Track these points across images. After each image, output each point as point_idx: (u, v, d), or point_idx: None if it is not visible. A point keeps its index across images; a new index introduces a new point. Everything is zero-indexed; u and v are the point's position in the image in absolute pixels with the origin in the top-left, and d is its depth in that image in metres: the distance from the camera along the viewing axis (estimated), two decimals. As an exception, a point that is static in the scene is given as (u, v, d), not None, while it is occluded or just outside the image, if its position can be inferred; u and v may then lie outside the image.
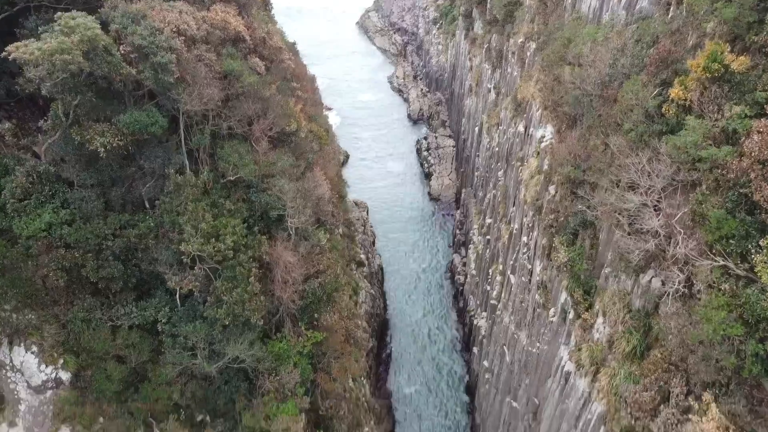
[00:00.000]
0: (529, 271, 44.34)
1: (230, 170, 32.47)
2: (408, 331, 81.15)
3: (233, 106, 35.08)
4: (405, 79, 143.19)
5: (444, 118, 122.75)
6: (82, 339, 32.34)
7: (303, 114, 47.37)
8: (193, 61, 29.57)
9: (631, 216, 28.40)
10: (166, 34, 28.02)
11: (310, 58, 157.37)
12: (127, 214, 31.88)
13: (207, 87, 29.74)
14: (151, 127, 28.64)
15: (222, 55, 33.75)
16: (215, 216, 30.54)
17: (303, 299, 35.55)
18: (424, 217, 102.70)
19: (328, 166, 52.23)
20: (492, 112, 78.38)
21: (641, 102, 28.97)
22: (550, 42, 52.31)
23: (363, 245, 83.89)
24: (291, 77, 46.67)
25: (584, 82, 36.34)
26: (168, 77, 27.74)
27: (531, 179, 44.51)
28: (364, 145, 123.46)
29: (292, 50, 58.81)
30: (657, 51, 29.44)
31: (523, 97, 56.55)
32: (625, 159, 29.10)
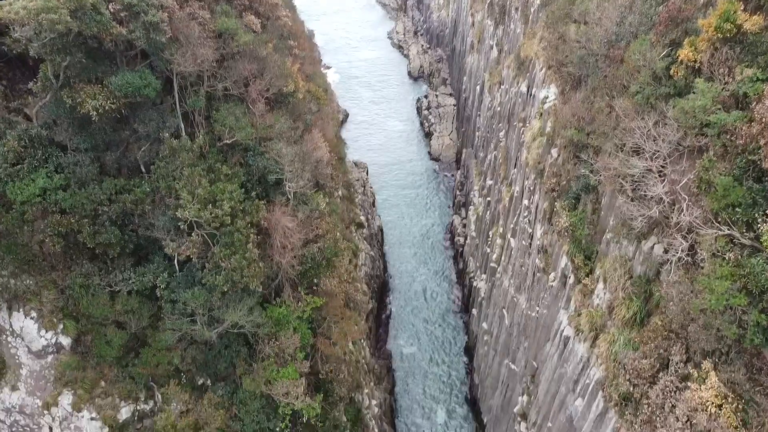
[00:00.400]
0: (529, 235, 44.04)
1: (227, 133, 31.74)
2: (408, 292, 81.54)
3: (229, 67, 34.08)
4: (405, 35, 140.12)
5: (445, 75, 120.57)
6: (81, 304, 32.29)
7: (300, 74, 46.23)
8: (186, 20, 28.50)
9: (635, 181, 27.85)
10: (156, -11, 26.93)
11: (308, 14, 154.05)
12: (122, 179, 31.36)
13: (201, 47, 28.74)
14: (144, 89, 27.81)
15: (216, 12, 32.55)
16: (212, 181, 30.00)
17: (302, 264, 35.33)
18: (424, 177, 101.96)
19: (327, 127, 51.35)
20: (494, 71, 76.76)
21: (649, 63, 28.04)
22: (555, -2, 50.70)
23: (363, 206, 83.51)
24: (288, 35, 45.33)
25: (590, 41, 35.24)
26: (160, 37, 26.76)
27: (533, 141, 43.72)
28: (363, 104, 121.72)
29: (289, 6, 57.05)
30: (667, 9, 28.32)
31: (526, 55, 55.14)
32: (631, 122, 28.36)
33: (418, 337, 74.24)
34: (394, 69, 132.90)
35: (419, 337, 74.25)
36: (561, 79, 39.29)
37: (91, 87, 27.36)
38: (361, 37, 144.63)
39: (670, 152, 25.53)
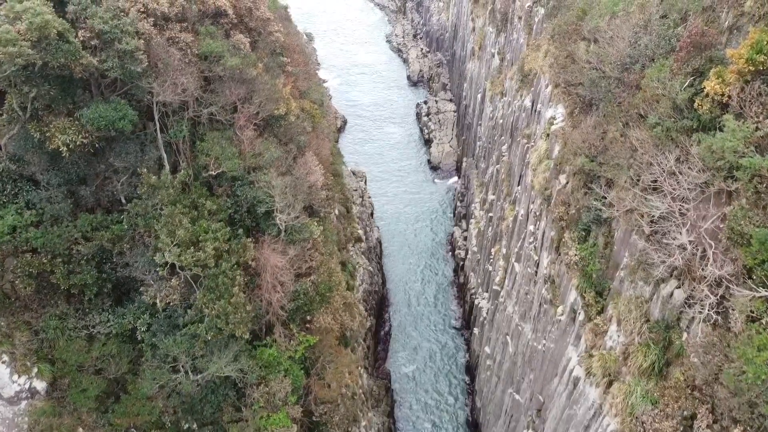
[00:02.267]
0: (535, 263, 41.78)
1: (212, 164, 29.43)
2: (407, 306, 79.30)
3: (215, 90, 31.80)
4: (404, 38, 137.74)
5: (445, 81, 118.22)
6: (56, 347, 30.08)
7: (295, 91, 43.92)
8: (165, 46, 26.15)
9: (653, 221, 25.63)
10: (132, 15, 24.54)
11: (306, 16, 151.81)
12: (99, 215, 29.05)
13: (182, 74, 26.41)
14: (119, 122, 25.51)
15: (200, 34, 30.21)
16: (194, 219, 27.71)
17: (294, 300, 33.08)
18: (423, 186, 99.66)
19: (323, 144, 49.05)
20: (496, 80, 74.45)
21: (669, 93, 25.74)
22: (561, 9, 48.40)
23: (361, 218, 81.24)
24: (281, 50, 42.98)
25: (602, 63, 32.94)
26: (135, 66, 24.44)
27: (539, 164, 41.44)
28: (362, 109, 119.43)
29: (284, 17, 54.69)
30: (689, 33, 26.00)
31: (530, 68, 52.84)
32: (649, 157, 26.11)
33: (418, 355, 71.99)
34: (393, 73, 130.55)
35: (419, 355, 72.00)
36: (569, 100, 37.00)
37: (60, 120, 25.06)
38: (359, 41, 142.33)
39: (695, 195, 23.26)
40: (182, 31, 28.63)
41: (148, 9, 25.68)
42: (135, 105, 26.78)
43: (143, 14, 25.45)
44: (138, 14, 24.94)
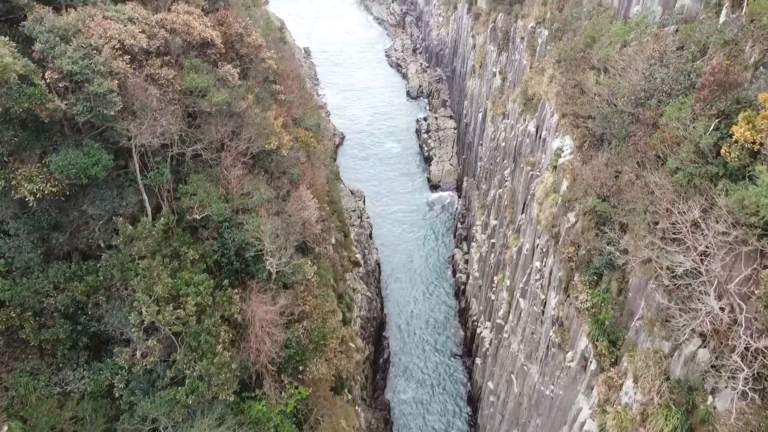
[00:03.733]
0: (542, 302, 39.54)
1: (196, 208, 27.24)
2: (407, 331, 76.95)
3: (201, 126, 29.69)
4: (404, 53, 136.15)
5: (445, 97, 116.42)
6: (28, 404, 27.77)
7: (288, 119, 41.86)
8: (142, 86, 24.01)
9: (675, 277, 23.42)
10: (105, 53, 22.43)
11: (305, 32, 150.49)
12: (74, 263, 26.78)
13: (161, 115, 24.27)
14: (92, 168, 23.33)
15: (185, 68, 28.14)
16: (175, 271, 25.47)
17: (286, 349, 30.80)
18: (423, 205, 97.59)
19: (318, 173, 46.90)
20: (497, 100, 72.57)
21: (691, 136, 23.63)
22: (567, 32, 46.54)
23: (359, 241, 79.15)
24: (273, 77, 40.97)
25: (614, 95, 30.88)
26: (108, 110, 22.31)
27: (546, 197, 39.31)
28: (361, 125, 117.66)
29: (279, 38, 52.77)
30: (711, 71, 23.92)
31: (534, 92, 50.89)
32: (669, 204, 23.96)
33: (418, 384, 69.53)
34: (393, 88, 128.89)
35: (419, 384, 69.54)
36: (578, 133, 34.90)
37: (27, 168, 22.88)
38: (358, 55, 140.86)
39: (724, 253, 21.08)
40: (164, 66, 26.51)
41: (125, 45, 23.58)
42: (111, 146, 24.62)
43: (119, 51, 23.34)
44: (113, 52, 22.83)
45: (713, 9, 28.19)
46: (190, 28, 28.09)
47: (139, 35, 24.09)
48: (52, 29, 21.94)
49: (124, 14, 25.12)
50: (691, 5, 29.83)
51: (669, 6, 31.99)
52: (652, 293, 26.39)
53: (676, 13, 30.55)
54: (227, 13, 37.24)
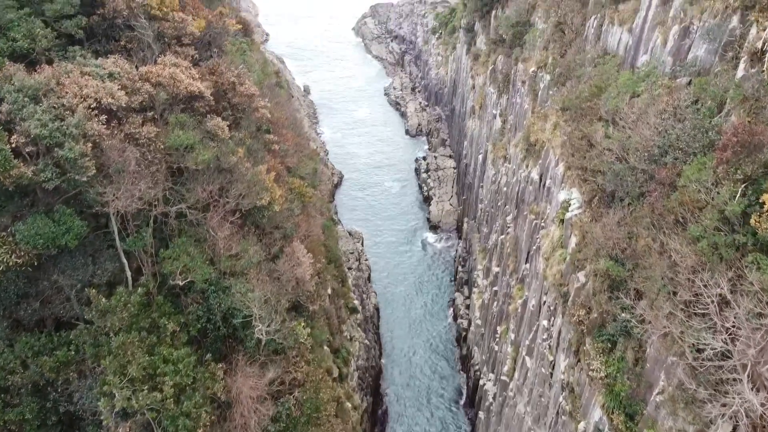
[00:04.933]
0: (550, 363, 37.15)
1: (178, 274, 25.19)
2: (407, 379, 73.95)
3: (186, 183, 27.87)
4: (403, 91, 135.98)
5: (444, 136, 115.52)
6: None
7: (282, 168, 40.17)
8: (120, 147, 22.24)
9: (702, 357, 21.26)
10: (79, 114, 20.71)
11: (305, 68, 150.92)
12: (43, 336, 24.58)
13: (141, 178, 22.43)
14: (62, 237, 21.40)
15: (170, 123, 26.44)
16: (153, 346, 23.26)
17: (274, 423, 28.35)
18: (423, 246, 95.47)
19: (313, 223, 45.02)
20: (498, 142, 71.17)
21: (715, 201, 21.78)
22: (570, 78, 45.19)
23: (357, 285, 76.88)
24: (267, 127, 39.40)
25: (625, 151, 29.18)
26: (80, 175, 20.49)
27: (552, 251, 37.30)
28: (359, 164, 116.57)
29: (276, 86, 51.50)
30: (733, 131, 22.20)
31: (536, 139, 49.35)
32: (692, 275, 21.97)
33: (419, 437, 66.34)
34: (392, 126, 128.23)
35: (420, 437, 66.35)
36: (587, 187, 33.11)
37: (-10, 238, 20.98)
38: (358, 93, 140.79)
39: (759, 336, 18.99)
40: (146, 123, 24.81)
41: (102, 104, 21.90)
42: (85, 211, 22.72)
43: (95, 111, 21.66)
44: (88, 112, 21.14)
45: (729, 62, 26.66)
46: (177, 81, 26.50)
47: (119, 93, 22.43)
48: (21, 88, 20.30)
49: (105, 69, 23.53)
50: (705, 57, 28.34)
51: (680, 56, 30.54)
52: (673, 367, 24.20)
53: (689, 65, 29.04)
54: (219, 61, 35.86)
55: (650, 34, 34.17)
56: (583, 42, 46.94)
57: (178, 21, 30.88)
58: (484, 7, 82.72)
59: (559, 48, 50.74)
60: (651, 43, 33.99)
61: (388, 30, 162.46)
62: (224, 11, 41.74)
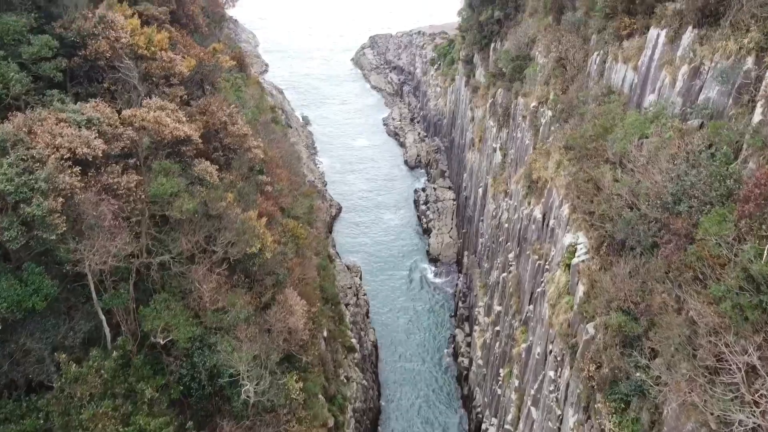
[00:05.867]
0: (557, 417, 35.05)
1: (159, 333, 23.38)
2: (405, 420, 71.37)
3: (171, 230, 26.25)
4: (401, 122, 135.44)
5: (443, 167, 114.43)
6: None
7: (275, 209, 38.60)
8: (94, 202, 20.65)
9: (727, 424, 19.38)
10: (50, 166, 19.18)
11: (304, 98, 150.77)
12: (12, 401, 22.67)
13: (118, 232, 20.80)
14: (29, 299, 19.68)
15: (153, 170, 24.92)
16: (128, 415, 21.34)
17: (263, 490, 26.23)
18: (423, 280, 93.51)
19: (308, 265, 43.26)
20: (498, 177, 69.84)
21: (739, 259, 20.13)
22: (573, 115, 43.92)
23: (355, 322, 74.80)
24: (260, 167, 37.95)
25: (636, 197, 27.63)
26: (48, 234, 18.87)
27: (558, 298, 35.51)
28: (358, 195, 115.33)
29: (271, 121, 50.27)
30: (756, 182, 20.67)
31: (539, 177, 47.93)
32: (715, 338, 20.20)
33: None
34: (390, 157, 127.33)
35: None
36: (594, 233, 31.50)
37: (-51, 301, 19.26)
38: (357, 124, 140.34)
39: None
40: (127, 171, 23.27)
41: (77, 154, 20.39)
42: (55, 273, 21.03)
43: (68, 162, 20.15)
44: (60, 163, 19.62)
45: (745, 106, 25.27)
46: (161, 125, 25.03)
47: (95, 142, 20.94)
48: (-11, 139, 18.82)
49: (83, 115, 22.07)
50: (718, 99, 26.98)
51: (690, 97, 29.21)
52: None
53: (700, 107, 27.67)
54: (211, 100, 34.59)
55: (657, 73, 32.94)
56: (586, 78, 45.86)
57: (166, 61, 29.60)
58: (483, 39, 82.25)
59: (560, 83, 49.65)
60: (658, 83, 32.72)
61: (386, 61, 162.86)
62: (218, 47, 40.67)
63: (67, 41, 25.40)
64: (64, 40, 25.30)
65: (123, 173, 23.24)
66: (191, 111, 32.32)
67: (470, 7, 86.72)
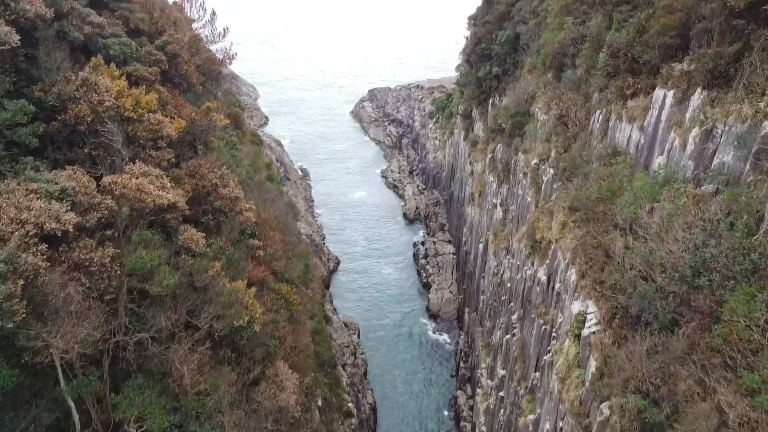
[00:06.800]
0: (572, 503, 32.22)
1: (132, 423, 21.11)
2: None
3: (151, 304, 24.28)
4: (400, 174, 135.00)
5: (443, 221, 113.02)
6: None
7: (267, 273, 36.72)
8: (60, 283, 18.83)
9: None
10: (11, 245, 17.43)
11: (304, 151, 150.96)
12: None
13: (87, 317, 18.88)
14: (-17, 393, 17.58)
15: (132, 242, 23.18)
16: None
17: None
18: (422, 337, 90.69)
19: (302, 332, 41.05)
20: (500, 233, 68.15)
21: (772, 344, 18.20)
22: (576, 174, 42.56)
23: (352, 384, 71.77)
24: (252, 230, 36.26)
25: (650, 267, 25.81)
26: (5, 321, 16.97)
27: (568, 371, 33.20)
28: (357, 248, 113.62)
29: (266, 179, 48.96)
30: (785, 258, 18.94)
31: (542, 237, 46.24)
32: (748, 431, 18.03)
33: None
34: (389, 210, 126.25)
35: None
36: (605, 304, 29.53)
37: None
38: (356, 176, 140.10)
39: None
40: (104, 243, 21.51)
41: (45, 230, 18.70)
42: (15, 362, 19.00)
43: (34, 238, 18.44)
44: (24, 241, 17.91)
45: (764, 173, 23.78)
46: (143, 193, 23.44)
47: (66, 215, 19.27)
48: (-54, 215, 17.16)
49: (57, 184, 20.49)
50: (734, 164, 25.51)
51: (703, 161, 27.76)
52: None
53: (716, 172, 26.18)
54: (201, 162, 33.21)
55: (665, 134, 31.68)
56: (588, 136, 44.75)
57: (153, 123, 28.32)
58: (481, 95, 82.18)
59: (562, 141, 48.55)
60: (667, 144, 31.40)
61: (385, 113, 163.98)
62: (212, 106, 39.63)
63: (46, 105, 24.12)
64: (43, 104, 24.04)
65: (99, 246, 21.48)
66: (179, 174, 30.86)
67: (468, 62, 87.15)
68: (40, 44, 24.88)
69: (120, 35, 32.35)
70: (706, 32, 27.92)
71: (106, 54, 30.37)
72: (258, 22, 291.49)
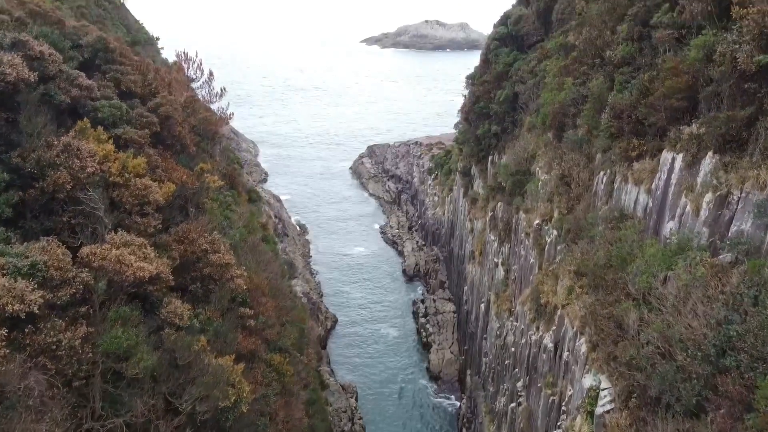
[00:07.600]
0: None
1: None
2: None
3: (125, 388, 22.23)
4: (399, 230, 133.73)
5: (443, 278, 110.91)
6: None
7: (259, 343, 34.62)
8: (19, 373, 16.98)
9: None
10: (-33, 333, 15.68)
11: (303, 207, 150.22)
12: None
13: (48, 410, 16.90)
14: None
15: (108, 319, 21.38)
16: None
17: None
18: (423, 401, 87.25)
19: (294, 404, 38.57)
20: (501, 294, 66.13)
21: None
22: (581, 237, 41.03)
23: (349, 453, 68.35)
24: (243, 298, 34.42)
25: (668, 343, 23.93)
26: (-47, 421, 15.08)
27: (581, 452, 30.78)
28: (355, 305, 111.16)
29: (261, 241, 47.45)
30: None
31: (547, 301, 44.36)
32: None
33: None
34: (388, 266, 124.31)
35: None
36: (620, 381, 27.45)
37: None
38: (354, 231, 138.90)
39: None
40: (77, 321, 19.73)
41: (5, 312, 16.99)
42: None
43: (-5, 322, 16.75)
44: (-18, 327, 16.18)
45: (787, 241, 22.29)
46: (123, 265, 21.81)
47: (32, 295, 17.59)
48: None
49: (27, 258, 18.88)
50: (754, 233, 24.00)
51: (719, 228, 26.27)
52: None
53: (734, 241, 24.65)
54: (190, 227, 31.68)
55: (676, 199, 30.33)
56: (593, 197, 43.48)
57: (140, 188, 26.99)
58: (480, 152, 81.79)
59: (565, 202, 47.28)
60: (678, 209, 30.00)
61: (384, 170, 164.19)
62: (206, 167, 38.52)
63: (24, 172, 22.85)
64: (20, 170, 22.77)
65: (72, 325, 19.69)
66: (167, 240, 29.30)
67: (467, 120, 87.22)
68: (21, 108, 23.84)
69: (111, 97, 31.48)
70: (715, 95, 26.96)
71: (94, 116, 29.39)
72: (259, 79, 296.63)
